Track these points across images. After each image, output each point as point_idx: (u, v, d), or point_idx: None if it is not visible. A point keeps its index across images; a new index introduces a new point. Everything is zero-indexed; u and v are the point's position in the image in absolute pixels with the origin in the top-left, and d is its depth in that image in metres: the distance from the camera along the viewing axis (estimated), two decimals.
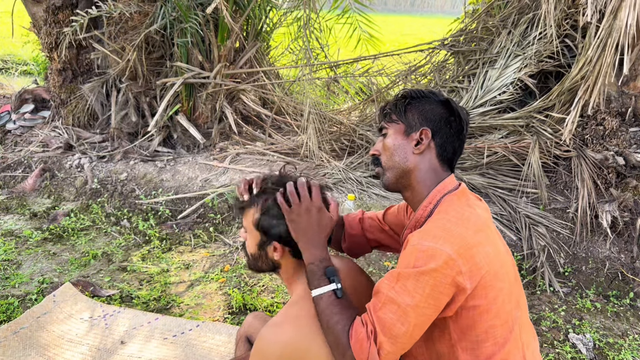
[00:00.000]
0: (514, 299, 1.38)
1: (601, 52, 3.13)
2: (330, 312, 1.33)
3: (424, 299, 1.24)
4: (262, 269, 1.56)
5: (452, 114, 1.47)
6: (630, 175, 3.56)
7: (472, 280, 1.26)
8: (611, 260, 3.48)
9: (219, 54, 4.61)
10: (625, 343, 2.91)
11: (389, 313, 1.26)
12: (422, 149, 1.44)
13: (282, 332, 1.32)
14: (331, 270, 1.38)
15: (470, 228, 1.31)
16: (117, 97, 4.92)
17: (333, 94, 5.87)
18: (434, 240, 1.27)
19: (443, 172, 1.47)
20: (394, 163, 1.47)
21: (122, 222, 4.04)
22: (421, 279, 1.24)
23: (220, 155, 4.68)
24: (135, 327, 2.79)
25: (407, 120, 1.48)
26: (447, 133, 1.46)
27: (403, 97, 1.53)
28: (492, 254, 1.31)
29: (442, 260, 1.23)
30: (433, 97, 1.51)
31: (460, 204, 1.39)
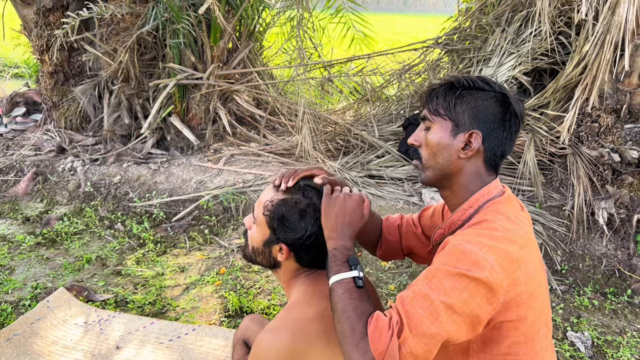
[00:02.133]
0: (543, 317, 1.32)
1: (599, 49, 3.11)
2: (348, 299, 1.24)
3: (460, 302, 1.15)
4: (258, 263, 1.52)
5: (508, 112, 1.31)
6: (625, 171, 3.55)
7: (506, 296, 1.19)
8: (608, 257, 3.48)
9: (211, 55, 4.58)
10: (623, 340, 2.90)
11: (418, 308, 1.17)
12: (470, 154, 1.31)
13: (279, 336, 1.29)
14: (354, 259, 1.31)
15: (516, 243, 1.23)
16: (109, 99, 4.88)
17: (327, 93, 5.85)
18: (478, 246, 1.18)
19: (488, 175, 1.35)
20: (435, 163, 1.34)
21: (116, 225, 4.01)
22: (461, 280, 1.16)
23: (214, 157, 4.65)
24: (130, 331, 2.76)
25: (455, 116, 1.31)
26: (499, 136, 1.32)
27: (453, 88, 1.34)
28: (532, 272, 1.24)
29: (488, 273, 1.16)
30: (488, 89, 1.33)
31: (507, 216, 1.29)
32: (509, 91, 1.35)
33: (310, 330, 1.32)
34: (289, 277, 1.48)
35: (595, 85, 3.21)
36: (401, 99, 4.82)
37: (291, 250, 1.41)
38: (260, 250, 1.47)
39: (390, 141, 4.38)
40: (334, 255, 1.31)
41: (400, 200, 3.92)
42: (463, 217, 1.33)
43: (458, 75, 1.36)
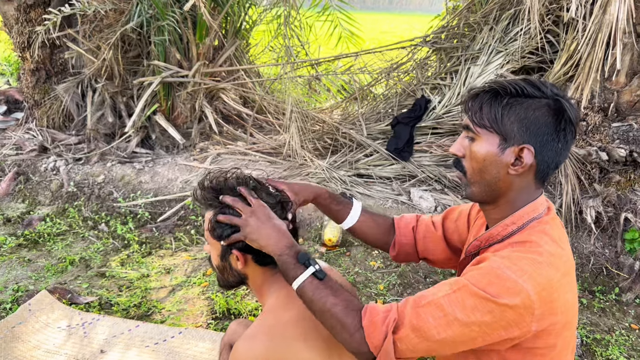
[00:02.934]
0: (572, 345, 1.28)
1: (591, 48, 3.11)
2: (321, 296, 1.21)
3: (478, 324, 1.11)
4: (230, 282, 1.48)
5: (563, 120, 1.19)
6: (613, 170, 3.56)
7: (539, 324, 1.13)
8: (596, 256, 3.48)
9: (197, 52, 4.52)
10: (612, 339, 2.90)
11: (429, 316, 1.14)
12: (521, 171, 1.20)
13: (255, 344, 1.27)
14: (303, 255, 1.25)
15: (560, 270, 1.16)
16: (92, 97, 4.80)
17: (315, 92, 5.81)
18: (519, 273, 1.11)
19: (536, 189, 1.26)
20: (482, 179, 1.25)
21: (100, 226, 3.93)
22: (486, 305, 1.10)
23: (200, 156, 4.59)
24: (115, 335, 2.70)
25: (503, 129, 1.19)
26: (554, 148, 1.20)
27: (498, 95, 1.22)
28: (570, 302, 1.19)
29: (519, 300, 1.09)
30: (539, 96, 1.20)
31: (553, 239, 1.21)
32: (563, 93, 1.23)
33: (288, 334, 1.30)
34: (259, 285, 1.44)
35: (587, 84, 3.20)
36: (389, 97, 4.79)
37: (244, 252, 1.37)
38: (222, 267, 1.44)
39: (379, 140, 4.35)
40: (282, 262, 1.26)
41: (389, 199, 3.90)
42: (504, 233, 1.26)
43: (504, 81, 1.22)
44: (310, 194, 1.61)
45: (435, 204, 3.81)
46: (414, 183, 4.06)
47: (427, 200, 3.82)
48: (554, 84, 1.23)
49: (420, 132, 4.23)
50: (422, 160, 4.12)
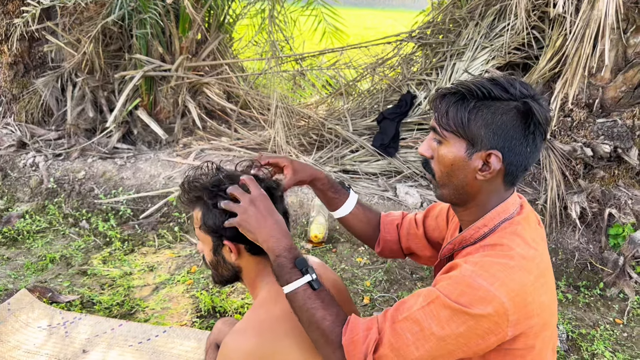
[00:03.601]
0: (551, 344, 1.26)
1: (579, 44, 3.11)
2: (311, 307, 1.19)
3: (454, 336, 1.10)
4: (225, 277, 1.45)
5: (532, 123, 1.15)
6: (597, 166, 3.58)
7: (516, 329, 1.11)
8: (580, 251, 3.50)
9: (180, 46, 4.44)
10: (597, 333, 2.92)
11: (407, 332, 1.12)
12: (489, 177, 1.19)
13: (245, 338, 1.25)
14: (301, 261, 1.22)
15: (533, 272, 1.14)
16: (73, 91, 4.70)
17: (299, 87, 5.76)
18: (490, 280, 1.09)
19: (506, 191, 1.24)
20: (450, 182, 1.23)
21: (81, 223, 3.85)
22: (460, 316, 1.09)
23: (183, 152, 4.52)
24: (97, 334, 2.64)
25: (470, 134, 1.16)
26: (522, 152, 1.17)
27: (464, 99, 1.18)
28: (546, 303, 1.17)
29: (492, 309, 1.07)
30: (507, 98, 1.16)
31: (525, 240, 1.18)
32: (533, 92, 1.18)
33: (279, 329, 1.28)
34: (252, 278, 1.41)
35: (575, 80, 3.21)
36: (375, 93, 4.77)
37: (237, 242, 1.34)
38: (216, 262, 1.41)
39: (365, 136, 4.33)
40: (278, 264, 1.23)
41: (375, 195, 3.88)
42: (476, 235, 1.24)
43: (470, 83, 1.19)
44: (308, 176, 1.57)
45: (421, 200, 3.80)
46: (400, 179, 4.05)
47: (413, 196, 3.81)
48: (524, 83, 1.19)
49: (406, 128, 4.22)
50: (407, 156, 4.11)
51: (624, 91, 3.35)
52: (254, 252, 1.37)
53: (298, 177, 1.53)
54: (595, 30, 3.06)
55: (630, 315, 3.09)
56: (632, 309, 3.13)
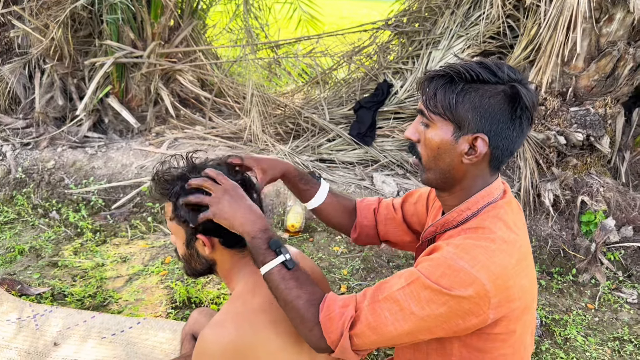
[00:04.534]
0: (531, 328, 1.28)
1: (553, 32, 3.14)
2: (286, 287, 1.19)
3: (434, 316, 1.10)
4: (198, 271, 1.42)
5: (519, 107, 1.15)
6: (570, 154, 3.63)
7: (497, 312, 1.12)
8: (553, 238, 3.55)
9: (152, 32, 4.34)
10: (569, 319, 2.97)
11: (386, 311, 1.13)
12: (475, 160, 1.18)
13: (223, 331, 1.23)
14: (275, 242, 1.22)
15: (514, 256, 1.14)
16: (41, 79, 4.56)
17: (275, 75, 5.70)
18: (471, 262, 1.09)
19: (491, 175, 1.24)
20: (436, 166, 1.22)
21: (51, 213, 3.75)
22: (441, 297, 1.09)
23: (156, 141, 4.43)
24: (69, 326, 2.57)
25: (457, 117, 1.16)
26: (509, 136, 1.17)
27: (452, 81, 1.17)
28: (527, 287, 1.17)
29: (473, 291, 1.08)
30: (495, 81, 1.15)
31: (507, 224, 1.19)
32: (521, 77, 1.18)
33: (257, 321, 1.26)
34: (227, 271, 1.39)
35: (548, 68, 3.24)
36: (351, 82, 4.74)
37: (209, 235, 1.31)
38: (189, 255, 1.38)
39: (341, 124, 4.31)
40: (253, 246, 1.23)
41: (352, 184, 3.87)
42: (459, 219, 1.25)
43: (459, 65, 1.17)
44: (278, 172, 1.54)
45: (397, 189, 3.80)
46: (377, 168, 4.04)
47: (390, 185, 3.81)
48: (512, 67, 1.19)
49: (383, 116, 4.21)
50: (384, 145, 4.10)
51: (596, 80, 3.39)
52: (228, 245, 1.34)
53: (268, 176, 1.49)
54: (569, 19, 3.08)
55: (601, 300, 3.15)
56: (603, 294, 3.19)
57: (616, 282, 3.30)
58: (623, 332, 2.87)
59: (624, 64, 3.30)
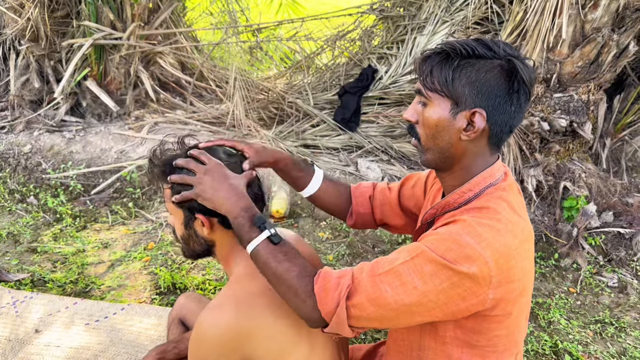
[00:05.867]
0: (526, 311, 1.27)
1: (539, 17, 3.14)
2: (276, 261, 1.17)
3: (436, 291, 1.09)
4: (197, 252, 1.40)
5: (516, 81, 1.14)
6: (553, 140, 3.66)
7: (496, 292, 1.11)
8: (536, 223, 3.59)
9: (132, 13, 4.23)
10: (552, 302, 3.01)
11: (387, 285, 1.11)
12: (473, 136, 1.16)
13: (222, 314, 1.21)
14: (259, 218, 1.21)
15: (518, 237, 1.14)
16: (16, 60, 4.42)
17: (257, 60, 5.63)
18: (477, 239, 1.09)
19: (491, 155, 1.22)
20: (435, 145, 1.20)
21: (29, 199, 3.65)
22: (444, 272, 1.08)
23: (136, 125, 4.34)
24: (51, 313, 2.51)
25: (454, 93, 1.14)
26: (507, 111, 1.16)
27: (449, 57, 1.15)
28: (527, 269, 1.17)
29: (477, 267, 1.07)
30: (491, 56, 1.15)
31: (511, 206, 1.18)
32: (517, 53, 1.17)
33: (255, 305, 1.24)
34: (227, 252, 1.37)
35: (534, 54, 3.24)
36: (334, 68, 4.70)
37: (209, 216, 1.29)
38: (187, 236, 1.36)
39: (326, 110, 4.27)
40: (237, 225, 1.21)
41: (337, 170, 3.84)
42: (460, 200, 1.23)
43: (455, 42, 1.17)
44: (270, 157, 1.50)
45: (382, 175, 3.80)
46: (361, 154, 4.02)
47: (374, 171, 3.80)
48: (508, 43, 1.18)
49: (367, 102, 4.18)
50: (369, 131, 4.08)
51: (580, 66, 3.41)
52: (227, 226, 1.31)
53: (261, 157, 1.45)
54: (555, 4, 3.09)
55: (583, 284, 3.20)
56: (585, 278, 3.24)
57: (597, 266, 3.35)
58: (604, 315, 2.92)
59: (608, 50, 3.33)
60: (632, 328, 2.83)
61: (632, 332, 2.80)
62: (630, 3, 3.23)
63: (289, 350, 1.26)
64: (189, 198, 1.25)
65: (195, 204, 1.28)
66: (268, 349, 1.23)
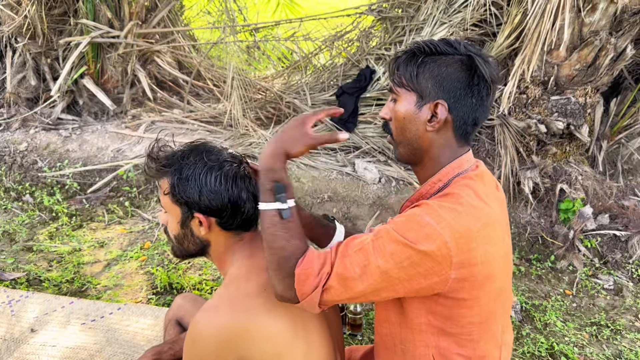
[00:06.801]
0: (500, 300, 1.28)
1: (540, 19, 3.14)
2: (274, 234, 1.20)
3: (398, 269, 1.13)
4: (190, 252, 1.39)
5: (475, 76, 1.22)
6: (550, 142, 3.67)
7: (458, 272, 1.14)
8: (532, 225, 3.60)
9: (130, 11, 4.22)
10: (548, 304, 3.02)
11: (354, 265, 1.15)
12: (437, 126, 1.24)
13: (217, 315, 1.21)
14: (280, 187, 1.20)
15: (480, 220, 1.17)
16: (12, 58, 4.39)
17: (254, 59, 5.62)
18: (437, 219, 1.13)
19: (459, 147, 1.28)
20: (404, 138, 1.28)
21: (25, 197, 3.63)
22: (405, 250, 1.12)
23: (132, 124, 4.33)
24: (47, 312, 2.50)
25: (419, 86, 1.24)
26: (468, 103, 1.23)
27: (414, 55, 1.25)
28: (491, 254, 1.19)
29: (435, 246, 1.11)
30: (452, 52, 1.24)
31: (476, 193, 1.21)
32: (478, 51, 1.25)
33: (251, 306, 1.23)
34: (221, 253, 1.36)
35: (534, 57, 3.25)
36: (332, 68, 4.70)
37: (207, 215, 1.29)
38: (182, 235, 1.35)
39: None
40: (259, 180, 1.24)
41: (334, 171, 3.84)
42: (432, 191, 1.28)
43: (420, 41, 1.28)
44: None
45: (379, 175, 3.80)
46: (359, 154, 4.02)
47: (372, 172, 3.80)
48: (471, 44, 1.27)
49: (365, 103, 4.18)
50: (366, 132, 4.08)
51: (577, 69, 3.42)
52: (225, 227, 1.31)
53: None
54: (556, 7, 3.09)
55: (579, 286, 3.21)
56: (581, 280, 3.25)
57: (593, 268, 3.36)
58: (600, 317, 2.93)
59: (605, 53, 3.34)
60: (628, 330, 2.84)
61: (628, 334, 2.82)
62: (628, 7, 3.25)
63: (285, 352, 1.26)
64: None
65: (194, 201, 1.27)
66: (263, 351, 1.23)
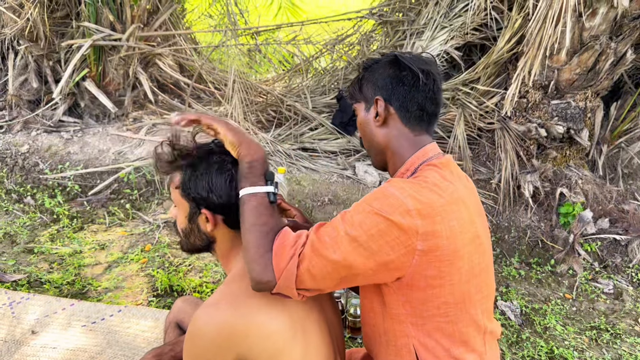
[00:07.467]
0: (475, 281, 1.29)
1: (542, 24, 3.15)
2: (259, 213, 1.24)
3: (366, 237, 1.17)
4: (196, 247, 1.41)
5: (400, 67, 1.37)
6: (550, 146, 3.68)
7: (424, 244, 1.18)
8: (532, 229, 3.60)
9: (132, 14, 4.23)
10: (548, 308, 3.02)
11: (326, 236, 1.20)
12: (382, 120, 1.37)
13: (218, 312, 1.21)
14: (271, 174, 1.29)
15: (444, 197, 1.22)
16: (14, 60, 4.40)
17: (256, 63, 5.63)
18: (401, 191, 1.20)
19: (416, 135, 1.37)
20: (368, 143, 1.43)
21: (26, 199, 3.64)
22: (372, 218, 1.18)
23: (134, 126, 4.34)
24: (47, 314, 2.51)
25: (363, 95, 1.42)
26: (401, 91, 1.36)
27: (358, 74, 1.47)
28: (456, 229, 1.21)
29: (400, 215, 1.16)
30: (383, 59, 1.42)
31: (442, 175, 1.28)
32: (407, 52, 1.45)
33: (252, 304, 1.24)
34: (226, 250, 1.38)
35: (536, 61, 3.26)
36: (333, 71, 4.71)
37: (214, 212, 1.31)
38: (189, 229, 1.37)
39: (324, 113, 4.28)
40: (251, 167, 1.27)
41: (334, 174, 3.85)
42: None
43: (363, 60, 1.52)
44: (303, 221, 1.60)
45: (379, 179, 3.80)
46: (359, 157, 4.03)
47: (372, 175, 3.81)
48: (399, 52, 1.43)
49: None
50: None
51: (578, 73, 3.43)
52: (231, 225, 1.33)
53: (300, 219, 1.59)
54: (558, 12, 3.10)
55: (579, 290, 3.21)
56: (581, 284, 3.25)
57: (593, 272, 3.37)
58: (600, 321, 2.94)
59: (606, 58, 3.35)
60: (628, 335, 2.85)
61: (628, 338, 2.82)
62: (628, 11, 3.26)
63: (284, 350, 1.26)
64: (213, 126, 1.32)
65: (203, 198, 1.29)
66: (263, 349, 1.23)
